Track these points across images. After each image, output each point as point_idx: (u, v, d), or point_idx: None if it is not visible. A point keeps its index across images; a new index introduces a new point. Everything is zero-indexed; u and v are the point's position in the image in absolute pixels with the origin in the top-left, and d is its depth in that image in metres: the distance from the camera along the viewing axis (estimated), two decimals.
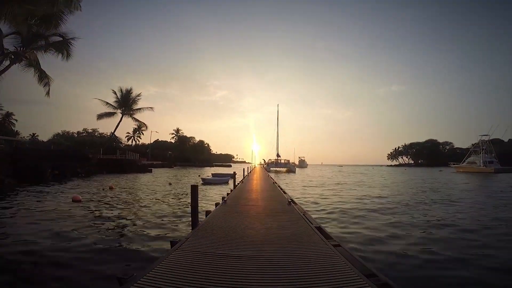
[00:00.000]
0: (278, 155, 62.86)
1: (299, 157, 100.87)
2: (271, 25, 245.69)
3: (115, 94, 43.94)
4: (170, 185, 20.83)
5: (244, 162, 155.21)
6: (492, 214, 10.32)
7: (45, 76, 21.60)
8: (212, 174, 28.52)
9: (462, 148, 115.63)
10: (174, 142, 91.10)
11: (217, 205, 6.93)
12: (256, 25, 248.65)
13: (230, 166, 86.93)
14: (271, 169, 56.73)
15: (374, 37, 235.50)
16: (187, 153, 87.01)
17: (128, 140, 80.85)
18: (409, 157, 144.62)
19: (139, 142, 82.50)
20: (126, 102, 44.15)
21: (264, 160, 69.22)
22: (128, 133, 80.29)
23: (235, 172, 14.13)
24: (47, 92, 21.94)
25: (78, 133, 71.78)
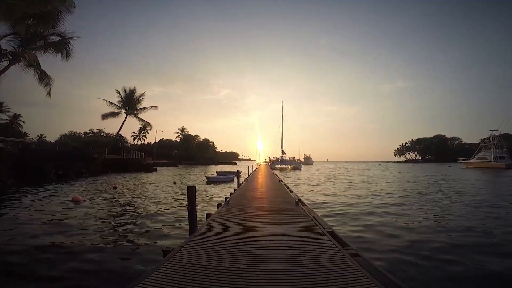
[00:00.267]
0: (283, 152, 62.20)
1: (305, 154, 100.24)
2: (274, 23, 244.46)
3: (119, 94, 44.15)
4: (174, 184, 20.53)
5: (249, 159, 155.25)
6: None
7: (45, 76, 21.41)
8: (217, 172, 28.16)
9: (470, 143, 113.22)
10: (179, 141, 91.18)
11: (219, 206, 6.44)
12: (259, 23, 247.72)
13: (235, 164, 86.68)
14: (276, 166, 56.15)
15: (378, 33, 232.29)
16: (192, 151, 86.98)
17: (133, 139, 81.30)
18: (416, 153, 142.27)
19: (145, 141, 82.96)
20: (130, 102, 44.25)
21: (269, 157, 68.63)
22: (133, 132, 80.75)
23: (239, 170, 13.58)
24: (48, 92, 21.78)
25: (84, 133, 72.36)
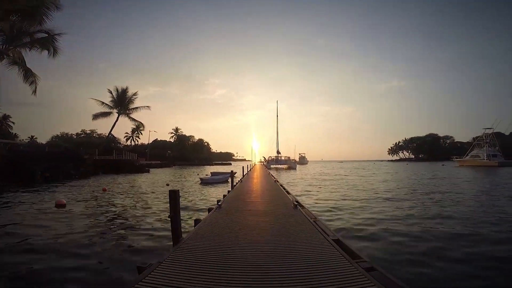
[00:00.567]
0: (278, 152, 61.84)
1: (300, 153, 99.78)
2: (271, 23, 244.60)
3: (111, 93, 43.10)
4: (167, 185, 19.89)
5: (244, 160, 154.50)
6: None
7: (31, 74, 20.38)
8: (211, 173, 27.52)
9: (462, 142, 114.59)
10: (173, 141, 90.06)
11: (210, 210, 5.87)
12: (255, 23, 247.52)
13: (230, 164, 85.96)
14: (272, 166, 55.71)
15: (373, 33, 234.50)
16: (187, 152, 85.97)
17: (127, 140, 79.92)
18: (409, 151, 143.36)
19: (138, 142, 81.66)
20: (122, 102, 43.27)
21: (264, 157, 68.09)
22: (126, 133, 79.36)
23: (233, 171, 12.99)
24: (34, 90, 20.78)
25: (77, 134, 70.74)
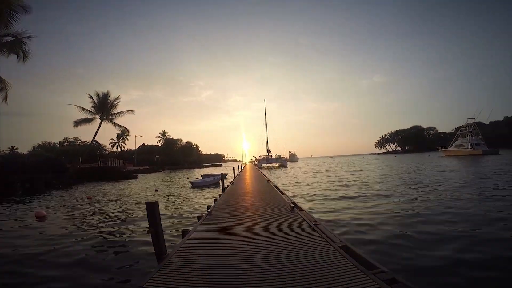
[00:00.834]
0: (268, 151, 61.77)
1: (290, 151, 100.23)
2: (254, 23, 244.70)
3: (92, 98, 41.37)
4: (156, 191, 19.13)
5: (235, 160, 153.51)
6: None
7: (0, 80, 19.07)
8: (202, 175, 26.78)
9: (445, 132, 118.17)
10: (161, 145, 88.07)
11: (199, 218, 5.35)
12: (238, 23, 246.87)
13: (221, 166, 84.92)
14: (263, 165, 55.38)
15: (355, 31, 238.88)
16: (176, 155, 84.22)
17: (112, 146, 77.32)
18: (396, 144, 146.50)
19: (125, 148, 79.29)
20: (104, 107, 41.67)
21: (255, 157, 67.67)
22: (112, 139, 76.78)
23: (223, 173, 12.46)
24: (4, 97, 19.35)
25: (60, 143, 67.81)
